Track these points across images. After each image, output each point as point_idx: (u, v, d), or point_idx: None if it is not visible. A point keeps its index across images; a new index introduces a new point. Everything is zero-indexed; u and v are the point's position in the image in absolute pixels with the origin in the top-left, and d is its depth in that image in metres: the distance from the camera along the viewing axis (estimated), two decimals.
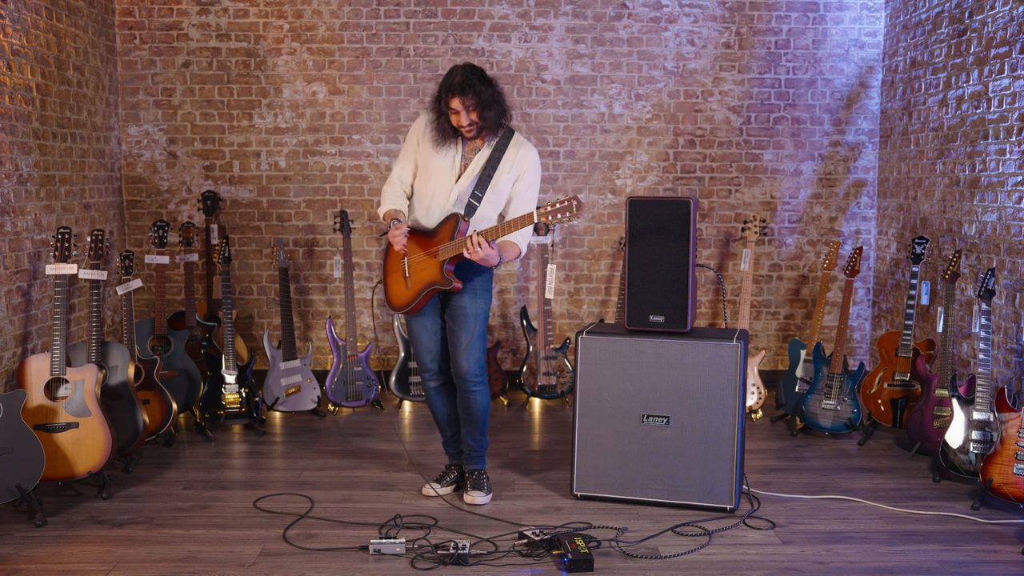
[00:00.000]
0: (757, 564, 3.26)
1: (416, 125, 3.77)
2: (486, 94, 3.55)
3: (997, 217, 4.41)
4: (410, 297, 3.69)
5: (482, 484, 3.86)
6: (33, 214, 4.49)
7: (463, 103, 3.52)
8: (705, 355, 3.68)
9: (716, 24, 5.63)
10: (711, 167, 5.72)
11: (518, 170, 3.67)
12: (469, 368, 3.72)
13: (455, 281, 3.58)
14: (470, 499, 3.82)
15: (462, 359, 3.72)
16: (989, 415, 3.94)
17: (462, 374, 3.73)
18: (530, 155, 3.69)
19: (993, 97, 4.45)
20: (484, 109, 3.55)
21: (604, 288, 5.81)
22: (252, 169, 5.69)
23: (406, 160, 3.78)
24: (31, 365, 3.80)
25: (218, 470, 4.31)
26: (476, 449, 3.88)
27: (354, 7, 5.59)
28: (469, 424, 3.83)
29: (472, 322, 3.70)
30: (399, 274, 3.74)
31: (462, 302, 3.70)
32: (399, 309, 3.75)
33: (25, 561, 3.27)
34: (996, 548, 3.40)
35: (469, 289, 3.69)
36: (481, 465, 3.90)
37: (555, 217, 3.36)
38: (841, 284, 5.72)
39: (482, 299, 3.73)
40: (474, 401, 3.77)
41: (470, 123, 3.56)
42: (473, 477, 3.88)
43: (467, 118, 3.55)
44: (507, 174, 3.66)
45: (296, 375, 5.16)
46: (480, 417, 3.82)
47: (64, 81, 4.85)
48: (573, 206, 3.33)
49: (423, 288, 3.64)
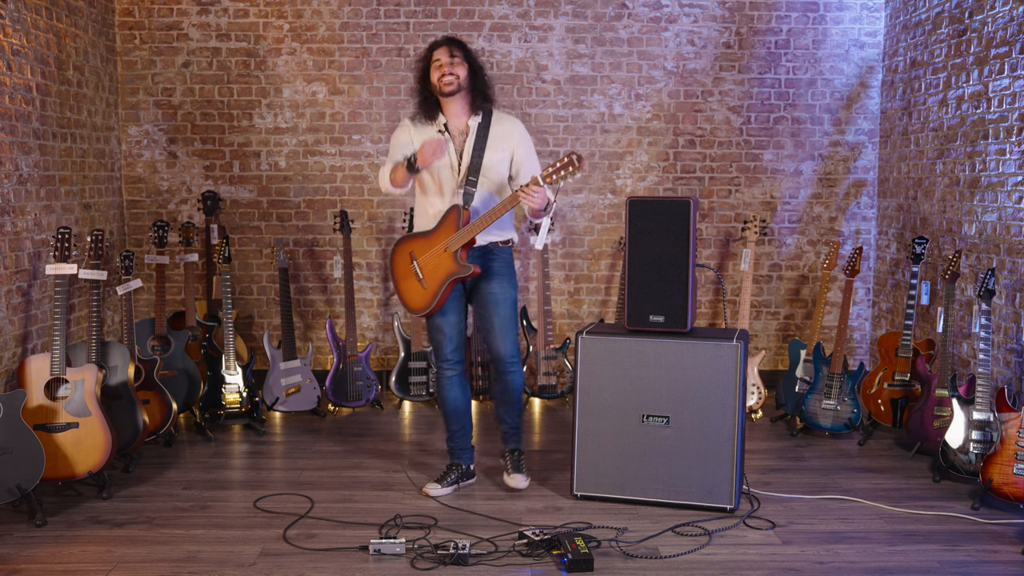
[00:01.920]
0: (757, 564, 3.26)
1: (403, 126, 3.85)
2: (471, 56, 3.73)
3: (997, 217, 4.41)
4: (430, 297, 3.75)
5: (521, 466, 4.00)
6: (33, 214, 4.49)
7: (449, 52, 3.69)
8: (705, 355, 3.68)
9: (716, 24, 5.63)
10: (711, 167, 5.72)
11: (508, 146, 3.78)
12: (507, 351, 3.83)
13: (473, 266, 3.68)
14: (512, 482, 3.94)
15: (498, 343, 3.83)
16: (989, 415, 3.94)
17: (500, 357, 3.84)
18: (515, 127, 3.81)
19: (993, 97, 4.45)
20: (469, 68, 3.70)
21: (604, 288, 5.81)
22: (252, 169, 5.69)
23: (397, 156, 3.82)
24: (31, 365, 3.80)
25: (218, 470, 4.31)
26: (513, 427, 4.00)
27: (354, 7, 5.59)
28: (506, 404, 3.95)
29: (503, 307, 3.81)
30: (411, 279, 3.79)
31: (490, 288, 3.80)
32: (421, 311, 3.79)
33: (25, 561, 3.27)
34: (996, 548, 3.40)
35: (495, 275, 3.80)
36: (518, 444, 4.04)
37: (559, 175, 3.51)
38: (841, 284, 5.72)
39: (509, 283, 3.83)
40: (512, 381, 3.89)
41: (452, 74, 3.66)
42: (513, 457, 4.01)
43: (449, 67, 3.67)
44: (498, 152, 3.75)
45: (296, 375, 5.16)
46: (517, 396, 3.94)
47: (64, 81, 4.85)
48: (574, 160, 3.47)
49: (442, 283, 3.70)
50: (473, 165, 3.71)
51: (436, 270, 3.71)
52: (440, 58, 3.70)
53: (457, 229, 3.66)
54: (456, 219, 3.67)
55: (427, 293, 3.75)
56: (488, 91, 3.78)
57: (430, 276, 3.73)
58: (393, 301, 5.78)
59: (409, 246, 3.82)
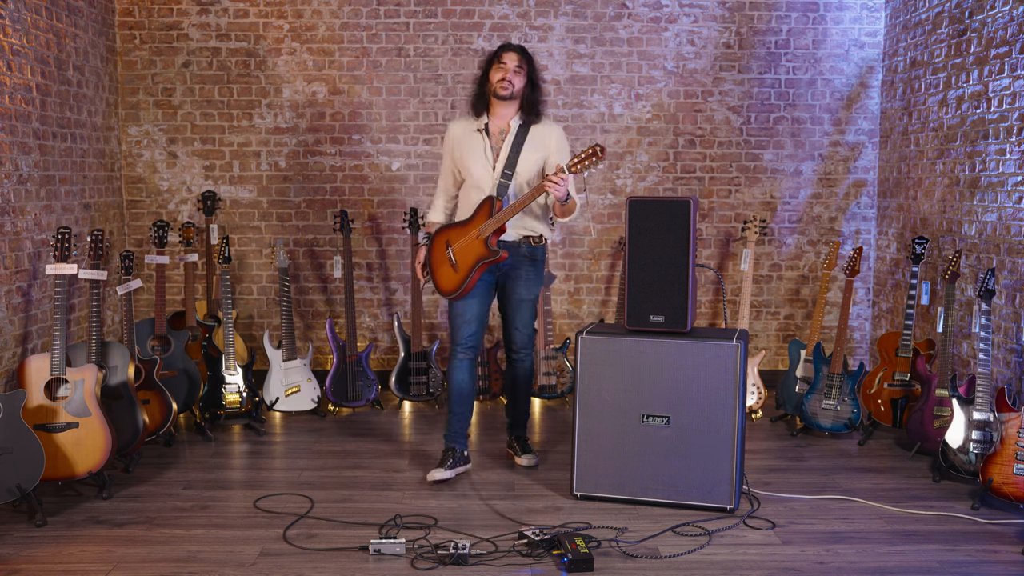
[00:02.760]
0: (757, 564, 3.26)
1: (446, 137, 4.17)
2: (534, 71, 4.00)
3: (997, 217, 4.41)
4: (460, 279, 4.00)
5: (529, 447, 4.37)
6: (33, 214, 4.49)
7: (518, 59, 3.94)
8: (705, 355, 3.68)
9: (716, 24, 5.63)
10: (711, 167, 5.72)
11: (544, 145, 4.04)
12: (521, 341, 4.23)
13: (501, 251, 3.92)
14: (523, 462, 4.29)
15: (516, 334, 4.21)
16: (989, 415, 3.94)
17: (515, 346, 4.23)
18: (554, 129, 4.07)
19: (993, 97, 4.45)
20: (528, 81, 3.96)
21: (604, 288, 5.81)
22: (252, 169, 5.69)
23: (445, 171, 4.18)
24: (31, 365, 3.80)
25: (218, 470, 4.31)
26: (523, 413, 4.38)
27: (354, 7, 5.59)
28: (517, 390, 4.32)
29: (526, 307, 4.15)
30: (446, 265, 4.06)
31: (517, 290, 4.10)
32: (451, 293, 4.06)
33: (25, 561, 3.27)
34: (996, 548, 3.40)
35: (523, 279, 4.09)
36: (523, 431, 4.41)
37: (583, 165, 3.71)
38: (841, 284, 5.72)
39: (535, 285, 4.14)
40: (523, 367, 4.29)
41: (509, 81, 3.92)
42: (522, 442, 4.37)
43: (511, 74, 3.92)
44: (534, 152, 4.00)
45: (296, 375, 5.16)
46: (527, 381, 4.33)
47: (64, 81, 4.85)
48: (597, 150, 3.69)
49: (472, 267, 3.96)
50: (510, 160, 3.96)
51: (467, 255, 3.97)
52: (506, 62, 3.95)
53: (490, 217, 3.92)
54: (489, 208, 3.92)
55: (458, 276, 4.00)
56: (539, 106, 4.04)
57: (462, 260, 3.99)
58: (393, 301, 5.78)
59: (446, 235, 4.07)
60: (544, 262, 4.20)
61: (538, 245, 4.09)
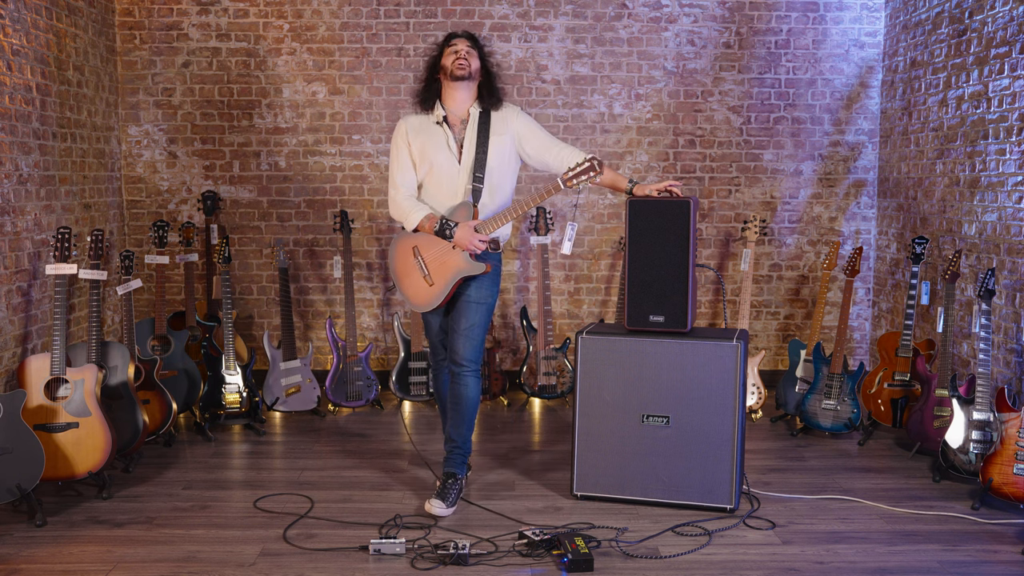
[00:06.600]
0: (757, 564, 3.26)
1: (399, 130, 3.77)
2: (484, 56, 3.75)
3: (997, 217, 4.41)
4: (436, 293, 3.68)
5: (448, 494, 3.66)
6: (33, 214, 4.49)
7: (468, 43, 3.71)
8: (705, 355, 3.68)
9: (716, 24, 5.63)
10: (711, 167, 5.72)
11: (507, 127, 3.74)
12: (463, 353, 3.70)
13: (484, 264, 3.64)
14: (428, 507, 3.63)
15: (458, 342, 3.70)
16: (989, 415, 3.94)
17: (456, 358, 3.72)
18: (513, 109, 3.79)
19: (993, 97, 4.45)
20: (482, 63, 3.72)
21: (604, 288, 5.81)
22: (252, 169, 5.69)
23: (403, 164, 3.75)
24: (31, 365, 3.80)
25: (218, 470, 4.31)
26: (459, 445, 3.78)
27: (354, 7, 5.59)
28: (455, 414, 3.77)
29: (475, 310, 3.70)
30: (416, 275, 3.71)
31: (467, 291, 3.71)
32: (426, 307, 3.73)
33: (25, 561, 3.27)
34: (996, 548, 3.40)
35: (475, 280, 3.70)
36: (459, 471, 3.77)
37: (578, 180, 3.59)
38: (841, 284, 5.72)
39: (487, 290, 3.73)
40: (464, 387, 3.73)
41: (464, 59, 3.66)
42: (444, 482, 3.72)
43: (465, 54, 3.67)
44: (501, 136, 3.72)
45: (296, 375, 5.16)
46: (467, 408, 3.75)
47: (64, 81, 4.85)
48: (595, 165, 3.58)
49: (450, 280, 3.65)
50: (478, 161, 3.66)
51: (444, 267, 3.66)
52: (458, 46, 3.70)
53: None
54: (465, 216, 3.63)
55: (434, 290, 3.68)
56: (497, 92, 3.76)
57: (437, 273, 3.67)
58: (393, 301, 5.78)
59: (412, 241, 3.73)
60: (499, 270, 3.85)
61: (495, 252, 3.76)
